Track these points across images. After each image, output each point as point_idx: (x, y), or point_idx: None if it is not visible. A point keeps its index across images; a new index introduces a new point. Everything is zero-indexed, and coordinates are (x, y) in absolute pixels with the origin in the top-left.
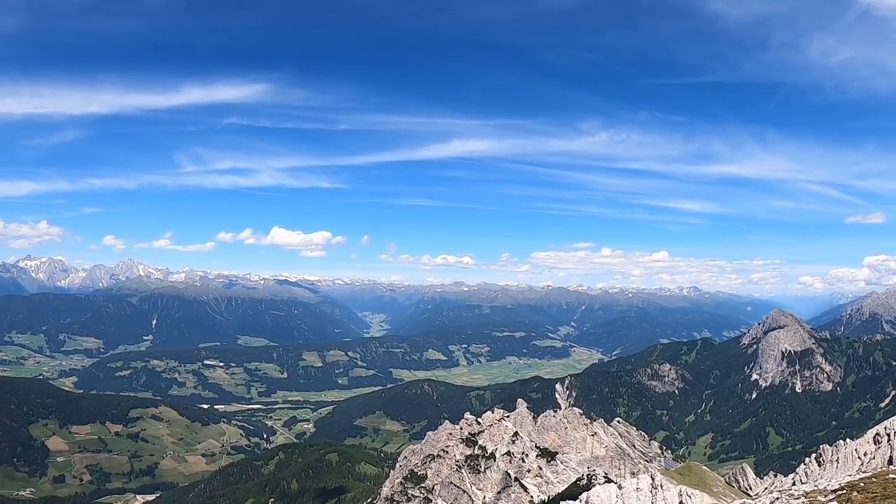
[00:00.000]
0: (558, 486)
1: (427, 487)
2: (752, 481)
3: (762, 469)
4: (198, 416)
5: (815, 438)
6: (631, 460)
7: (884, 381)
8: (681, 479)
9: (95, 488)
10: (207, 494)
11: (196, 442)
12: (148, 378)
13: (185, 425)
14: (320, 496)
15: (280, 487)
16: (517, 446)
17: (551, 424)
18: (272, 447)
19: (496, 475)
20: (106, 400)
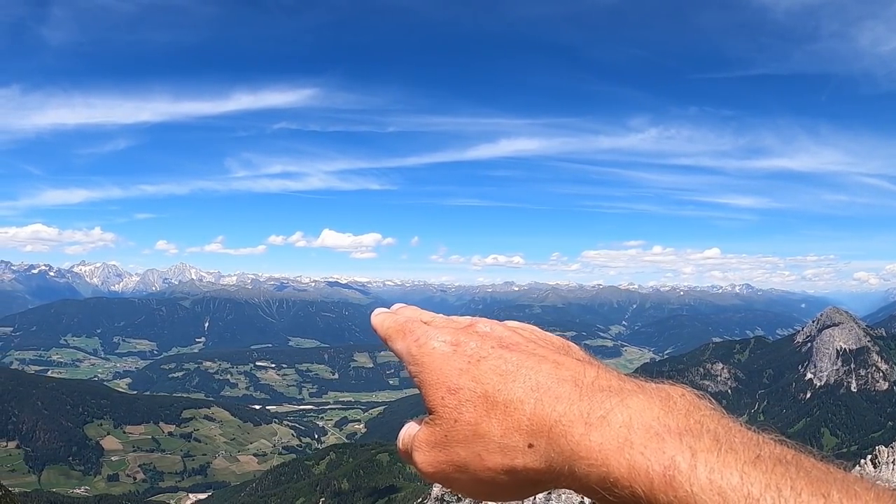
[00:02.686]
0: None
1: None
2: None
3: None
4: (249, 416)
5: (870, 439)
6: None
7: None
8: None
9: (148, 486)
10: (259, 493)
11: (248, 442)
12: (200, 379)
13: (236, 425)
14: (371, 496)
15: (331, 487)
16: None
17: None
18: (323, 447)
19: None
20: (159, 400)
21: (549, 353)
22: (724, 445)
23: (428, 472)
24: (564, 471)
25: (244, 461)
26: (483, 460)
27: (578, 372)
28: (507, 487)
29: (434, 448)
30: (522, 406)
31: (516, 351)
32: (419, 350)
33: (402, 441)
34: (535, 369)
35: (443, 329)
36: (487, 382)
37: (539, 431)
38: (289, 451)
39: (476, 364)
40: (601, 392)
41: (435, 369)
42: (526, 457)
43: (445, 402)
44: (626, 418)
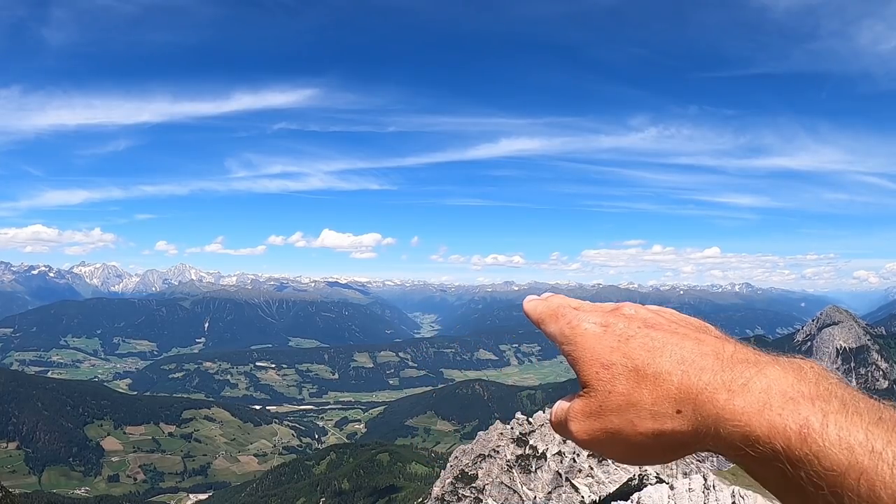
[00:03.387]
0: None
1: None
2: None
3: None
4: (250, 416)
5: None
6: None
7: None
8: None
9: (149, 487)
10: (259, 494)
11: (248, 442)
12: (200, 380)
13: (237, 426)
14: (371, 496)
15: (331, 487)
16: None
17: None
18: (323, 447)
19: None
20: (159, 401)
21: (690, 332)
22: (850, 409)
23: (583, 439)
24: (710, 432)
25: (244, 461)
26: (635, 426)
27: (718, 347)
28: (654, 450)
29: (589, 417)
30: (670, 377)
31: (660, 330)
32: (572, 331)
33: (556, 414)
34: (680, 345)
35: (592, 312)
36: (637, 358)
37: (686, 399)
38: (289, 452)
39: (626, 342)
40: (740, 364)
41: (588, 348)
42: (674, 421)
43: (600, 376)
44: (764, 385)
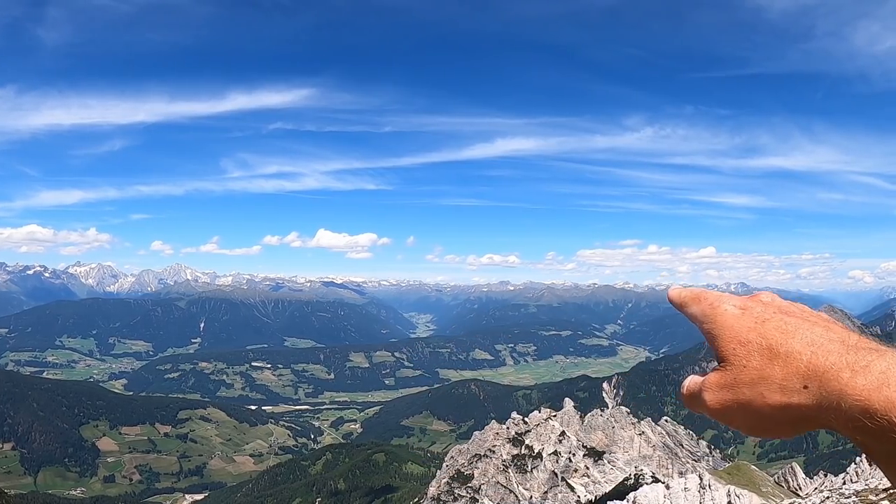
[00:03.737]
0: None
1: (474, 487)
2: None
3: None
4: (245, 416)
5: None
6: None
7: None
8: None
9: (145, 488)
10: (255, 494)
11: (244, 442)
12: (196, 380)
13: (233, 426)
14: (367, 496)
15: (327, 487)
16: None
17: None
18: (319, 447)
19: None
20: (155, 401)
21: (820, 321)
22: None
23: (715, 408)
24: (832, 406)
25: (240, 462)
26: (765, 398)
27: (844, 335)
28: (779, 422)
29: (723, 389)
30: (800, 356)
31: (793, 316)
32: (713, 311)
33: (689, 387)
34: (810, 330)
35: (731, 297)
36: (771, 338)
37: (813, 376)
38: (285, 452)
39: (762, 324)
40: (863, 349)
41: (727, 326)
42: (801, 396)
43: (736, 352)
44: (884, 367)
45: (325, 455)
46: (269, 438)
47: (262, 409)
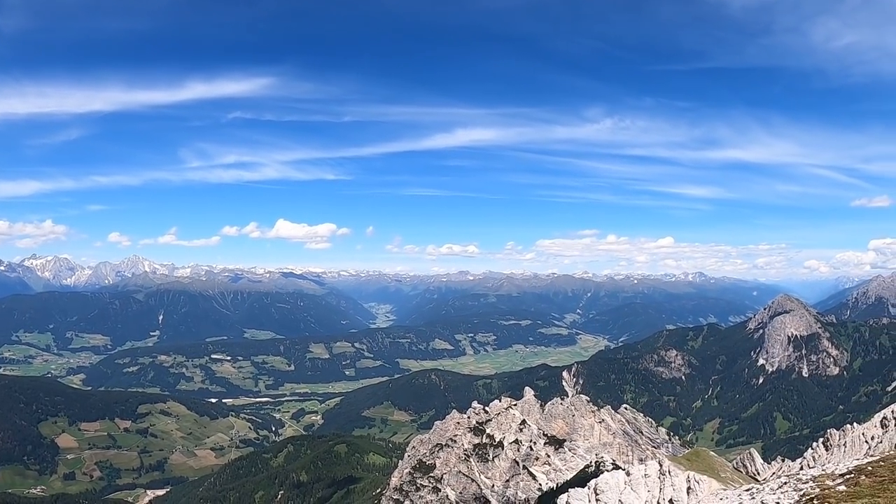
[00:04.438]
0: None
1: (436, 477)
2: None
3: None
4: (206, 410)
5: (822, 423)
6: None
7: (890, 364)
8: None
9: (106, 484)
10: (217, 488)
11: (205, 436)
12: (156, 374)
13: (193, 420)
14: (330, 487)
15: (289, 479)
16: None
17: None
18: (281, 440)
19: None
20: (114, 396)
21: None
22: None
23: None
24: None
25: (202, 455)
26: None
27: None
28: None
29: None
30: None
31: None
32: None
33: None
34: None
35: None
36: None
37: None
38: (246, 445)
39: None
40: None
41: None
42: None
43: None
44: None
45: (286, 447)
46: (230, 431)
47: (222, 402)
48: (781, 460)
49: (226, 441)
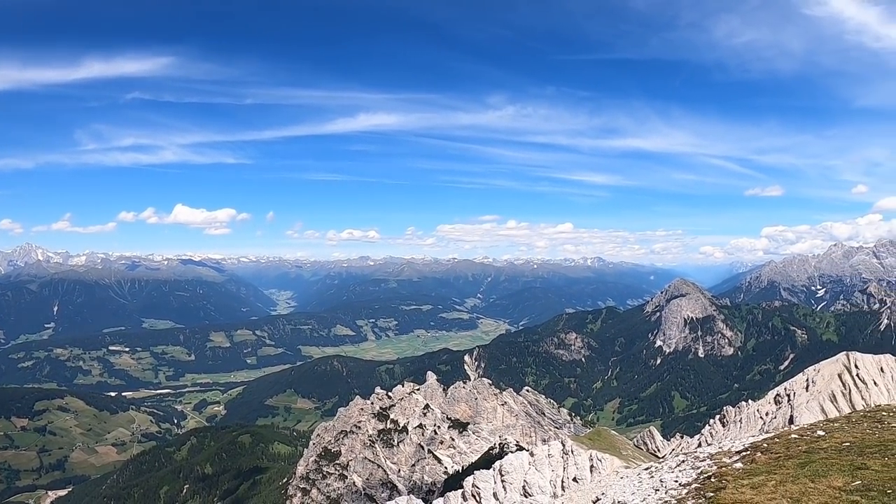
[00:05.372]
0: (471, 455)
1: (342, 464)
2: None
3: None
4: (105, 404)
5: (718, 400)
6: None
7: (782, 345)
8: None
9: (5, 487)
10: (120, 485)
11: (105, 432)
12: (52, 368)
13: (92, 415)
14: (236, 479)
15: (194, 473)
16: (429, 419)
17: (461, 396)
18: (183, 432)
19: (409, 448)
20: (9, 393)
21: None
22: None
23: None
24: None
25: (103, 452)
26: None
27: None
28: None
29: None
30: None
31: None
32: None
33: None
34: None
35: None
36: None
37: None
38: (148, 439)
39: None
40: None
41: None
42: None
43: None
44: None
45: (189, 440)
46: (132, 426)
47: (122, 396)
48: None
49: (127, 436)
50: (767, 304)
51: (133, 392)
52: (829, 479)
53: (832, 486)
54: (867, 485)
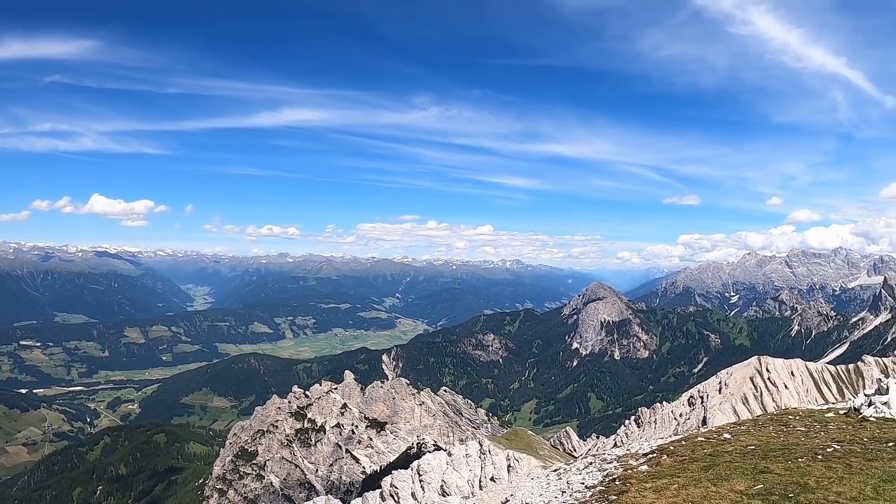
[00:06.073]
0: (389, 455)
1: (259, 464)
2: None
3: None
4: (16, 402)
5: (633, 402)
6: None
7: (696, 348)
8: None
9: None
10: (32, 487)
11: (15, 431)
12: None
13: (2, 413)
14: (151, 479)
15: (108, 473)
16: (346, 418)
17: (379, 395)
18: (97, 431)
19: (327, 448)
20: None
21: None
22: None
23: None
24: None
25: (13, 452)
26: None
27: None
28: None
29: None
30: None
31: None
32: None
33: None
34: None
35: None
36: None
37: None
38: (60, 438)
39: None
40: None
41: None
42: None
43: None
44: None
45: (103, 439)
46: (43, 425)
47: (33, 393)
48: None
49: (38, 435)
50: (682, 309)
51: (44, 389)
52: (732, 482)
53: (734, 490)
54: (769, 488)
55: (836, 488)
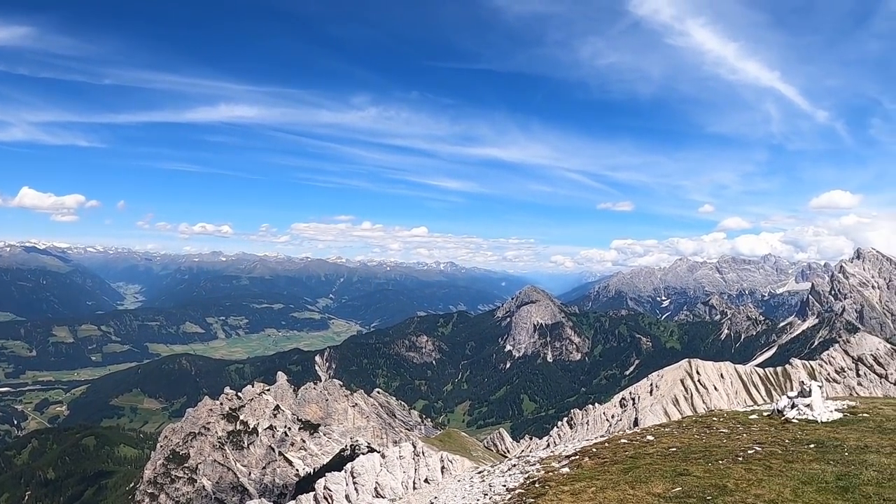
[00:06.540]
0: (322, 457)
1: (191, 467)
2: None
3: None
4: None
5: (566, 403)
6: (393, 429)
7: (628, 351)
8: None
9: None
10: None
11: None
12: None
13: None
14: (80, 483)
15: (36, 478)
16: (279, 420)
17: (312, 397)
18: (24, 434)
19: (260, 450)
20: None
21: None
22: None
23: None
24: None
25: None
26: None
27: None
28: None
29: None
30: None
31: None
32: None
33: None
34: None
35: None
36: None
37: None
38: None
39: None
40: None
41: None
42: None
43: None
44: None
45: (30, 442)
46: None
47: None
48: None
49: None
50: (615, 313)
51: None
52: (650, 485)
53: (651, 493)
54: (687, 491)
55: (755, 490)
